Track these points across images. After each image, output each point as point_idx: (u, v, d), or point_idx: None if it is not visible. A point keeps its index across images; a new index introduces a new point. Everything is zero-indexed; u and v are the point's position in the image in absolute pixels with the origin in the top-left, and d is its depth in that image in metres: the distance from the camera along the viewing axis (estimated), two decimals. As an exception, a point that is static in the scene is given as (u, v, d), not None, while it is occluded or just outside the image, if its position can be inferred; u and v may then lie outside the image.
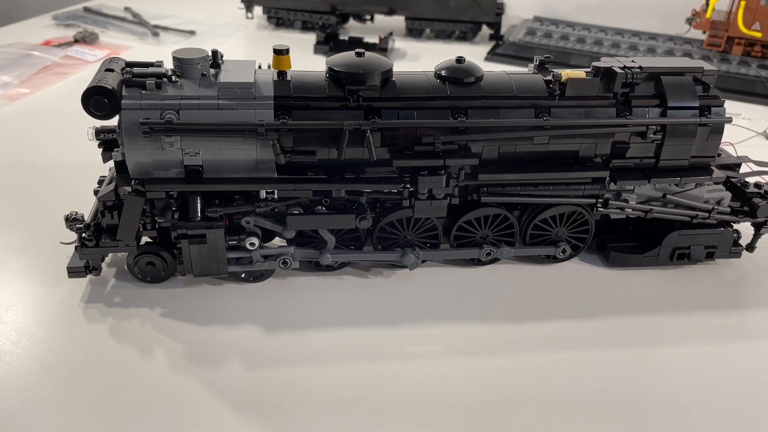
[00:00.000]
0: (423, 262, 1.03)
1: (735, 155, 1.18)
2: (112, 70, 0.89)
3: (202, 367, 0.84)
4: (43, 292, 0.95)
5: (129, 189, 0.88)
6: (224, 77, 0.89)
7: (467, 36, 2.14)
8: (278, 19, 2.18)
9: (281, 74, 0.92)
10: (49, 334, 0.87)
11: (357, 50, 0.93)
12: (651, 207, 1.01)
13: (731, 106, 1.71)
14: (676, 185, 1.00)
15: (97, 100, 0.85)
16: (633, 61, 0.98)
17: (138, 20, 2.11)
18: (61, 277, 0.96)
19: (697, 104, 0.96)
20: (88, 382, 0.81)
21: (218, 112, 0.87)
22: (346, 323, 0.93)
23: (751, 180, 1.12)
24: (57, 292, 0.95)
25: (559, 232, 1.04)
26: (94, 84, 0.85)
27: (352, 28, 2.23)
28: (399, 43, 2.11)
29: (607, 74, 0.96)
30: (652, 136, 0.95)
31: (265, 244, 0.98)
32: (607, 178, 0.98)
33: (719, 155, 1.16)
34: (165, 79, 0.87)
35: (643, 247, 1.06)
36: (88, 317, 0.91)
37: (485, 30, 2.16)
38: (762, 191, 1.05)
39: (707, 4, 1.85)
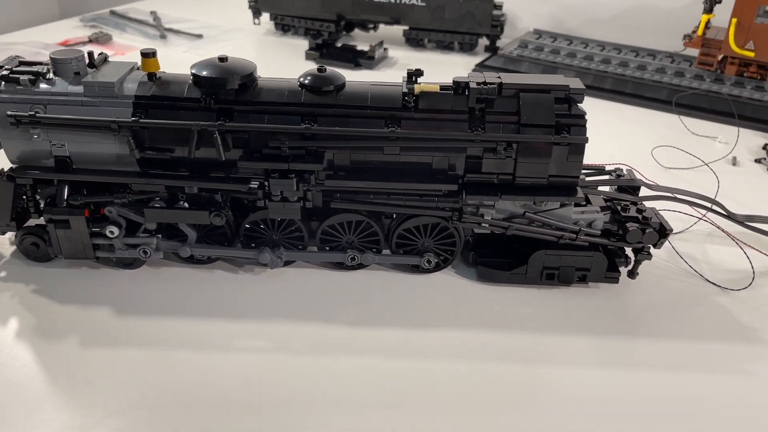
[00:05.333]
0: (291, 263, 1.07)
1: (642, 179, 1.14)
2: (1, 67, 0.99)
3: (43, 340, 0.92)
4: (-58, 262, 1.07)
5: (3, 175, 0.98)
6: (94, 77, 0.97)
7: (465, 47, 2.14)
8: (284, 26, 2.26)
9: (150, 76, 0.98)
10: (-73, 299, 0.99)
11: (220, 55, 0.98)
12: (510, 224, 1.00)
13: (711, 128, 1.64)
14: (534, 203, 0.98)
15: (-25, 94, 0.95)
16: (498, 77, 0.97)
17: (155, 24, 2.26)
18: (-38, 251, 1.07)
19: (552, 123, 0.94)
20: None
21: (82, 108, 0.95)
22: (194, 313, 0.98)
23: (651, 204, 1.08)
24: (-47, 263, 1.07)
25: (425, 242, 1.05)
26: (-25, 79, 0.95)
27: (358, 37, 2.29)
28: (397, 53, 2.14)
29: (463, 89, 0.96)
30: (503, 152, 0.95)
31: (159, 236, 1.05)
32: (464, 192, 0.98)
33: (620, 176, 1.13)
34: (40, 77, 0.96)
35: (514, 264, 1.04)
36: (-30, 287, 1.01)
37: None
38: (641, 216, 1.02)
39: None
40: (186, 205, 1.00)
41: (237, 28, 2.30)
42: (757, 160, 1.49)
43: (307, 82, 0.98)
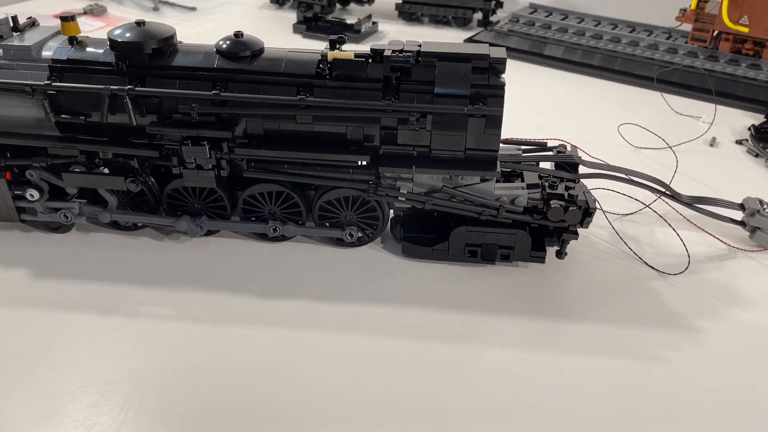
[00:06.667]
0: (215, 232, 1.07)
1: (586, 157, 1.09)
2: (-71, 31, 1.01)
3: (-45, 298, 0.94)
4: None
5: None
6: (15, 40, 0.97)
7: (459, 21, 2.09)
8: (279, -1, 2.25)
9: (70, 40, 0.98)
10: None
11: (138, 20, 0.97)
12: (428, 198, 0.96)
13: (699, 108, 1.55)
14: (450, 178, 0.95)
15: None
16: (419, 45, 0.93)
17: (154, -5, 2.27)
18: None
19: (467, 93, 0.90)
20: None
21: (0, 72, 0.96)
22: (108, 278, 0.98)
23: (597, 184, 1.04)
24: None
25: (348, 215, 1.02)
26: None
27: (354, 11, 2.25)
28: (390, 27, 2.10)
29: (378, 57, 0.92)
30: (415, 123, 0.91)
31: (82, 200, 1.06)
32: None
33: (561, 153, 1.08)
34: (-38, 41, 0.97)
35: (439, 240, 1.01)
36: None
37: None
38: (566, 194, 0.97)
39: (697, -5, 1.67)
40: (106, 170, 1.00)
41: (232, 1, 2.29)
42: (738, 142, 1.41)
43: (223, 47, 0.96)
